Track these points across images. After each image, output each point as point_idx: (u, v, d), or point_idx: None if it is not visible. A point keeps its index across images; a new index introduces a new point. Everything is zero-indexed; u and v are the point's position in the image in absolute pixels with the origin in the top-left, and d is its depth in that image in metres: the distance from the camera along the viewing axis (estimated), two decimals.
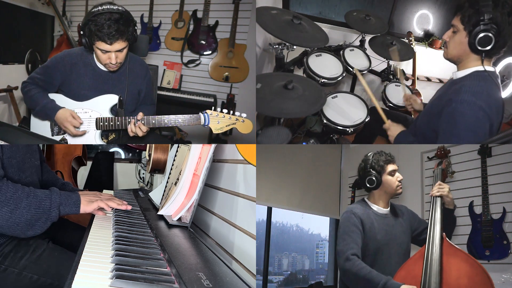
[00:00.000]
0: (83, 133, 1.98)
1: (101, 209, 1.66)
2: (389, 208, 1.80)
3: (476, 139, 1.57)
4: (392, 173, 1.77)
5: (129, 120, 1.90)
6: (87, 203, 1.57)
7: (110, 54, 1.85)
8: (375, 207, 1.78)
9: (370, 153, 1.81)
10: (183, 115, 1.86)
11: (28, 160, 1.58)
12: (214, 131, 1.85)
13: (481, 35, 1.56)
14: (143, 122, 1.88)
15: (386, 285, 1.45)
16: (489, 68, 1.63)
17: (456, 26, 1.64)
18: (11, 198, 1.36)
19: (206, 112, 1.84)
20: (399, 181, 1.78)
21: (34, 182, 1.61)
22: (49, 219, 1.44)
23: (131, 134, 1.91)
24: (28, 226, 1.40)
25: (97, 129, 1.98)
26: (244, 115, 1.85)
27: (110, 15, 1.76)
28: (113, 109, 2.02)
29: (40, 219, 1.42)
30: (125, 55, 1.93)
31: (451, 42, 1.68)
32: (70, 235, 1.78)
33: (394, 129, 1.99)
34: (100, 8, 1.79)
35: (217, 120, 1.84)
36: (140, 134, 1.90)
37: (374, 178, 1.75)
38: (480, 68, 1.62)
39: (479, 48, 1.58)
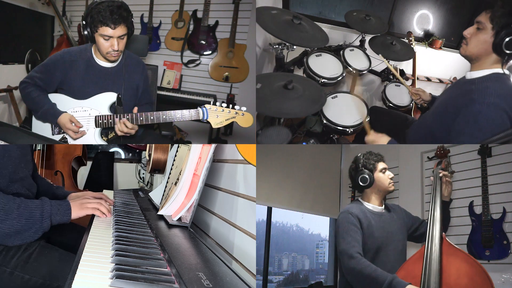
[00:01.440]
0: (82, 135, 2.00)
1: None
2: (383, 206, 1.83)
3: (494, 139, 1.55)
4: (383, 171, 1.81)
5: (127, 117, 1.91)
6: (78, 210, 1.59)
7: (112, 41, 1.89)
8: (370, 206, 1.80)
9: (359, 154, 1.85)
10: (181, 110, 1.87)
11: (21, 171, 1.58)
12: (214, 126, 1.85)
13: (508, 38, 1.51)
14: (127, 118, 1.88)
15: (392, 283, 1.45)
16: (506, 70, 1.60)
17: (483, 24, 1.57)
18: (2, 209, 1.39)
19: (204, 107, 1.84)
20: (391, 179, 1.81)
21: (25, 193, 1.59)
22: (40, 229, 1.47)
23: (119, 134, 1.92)
24: (18, 235, 1.43)
25: (96, 126, 1.99)
26: (244, 108, 1.85)
27: (112, 3, 1.86)
28: (112, 107, 2.02)
29: (31, 228, 1.45)
30: (124, 45, 1.96)
31: (473, 39, 1.61)
32: (68, 236, 1.78)
33: (381, 141, 1.86)
34: None
35: (216, 114, 1.84)
36: (125, 130, 1.90)
37: (366, 176, 1.78)
38: (500, 70, 1.59)
39: (506, 51, 1.54)
